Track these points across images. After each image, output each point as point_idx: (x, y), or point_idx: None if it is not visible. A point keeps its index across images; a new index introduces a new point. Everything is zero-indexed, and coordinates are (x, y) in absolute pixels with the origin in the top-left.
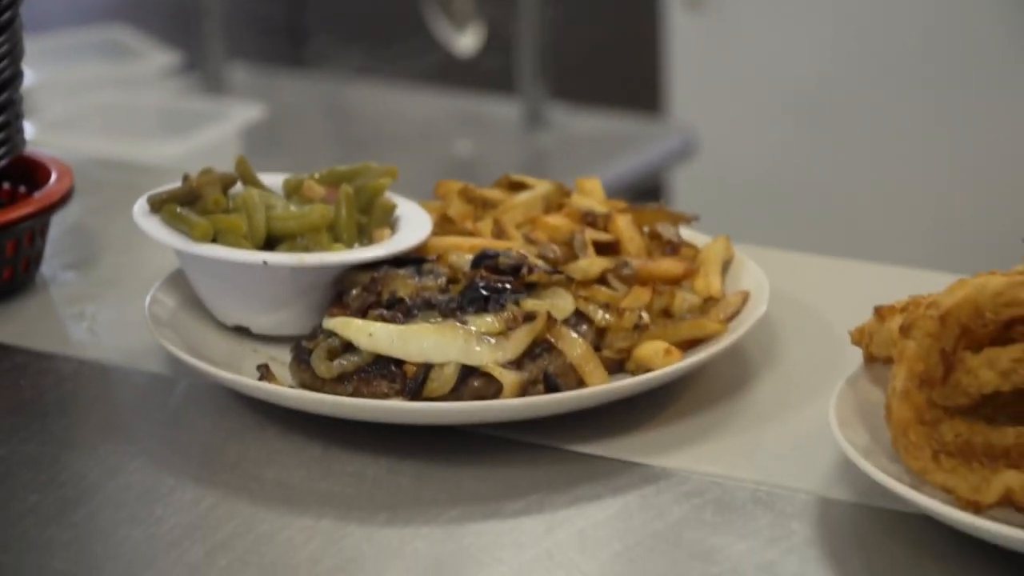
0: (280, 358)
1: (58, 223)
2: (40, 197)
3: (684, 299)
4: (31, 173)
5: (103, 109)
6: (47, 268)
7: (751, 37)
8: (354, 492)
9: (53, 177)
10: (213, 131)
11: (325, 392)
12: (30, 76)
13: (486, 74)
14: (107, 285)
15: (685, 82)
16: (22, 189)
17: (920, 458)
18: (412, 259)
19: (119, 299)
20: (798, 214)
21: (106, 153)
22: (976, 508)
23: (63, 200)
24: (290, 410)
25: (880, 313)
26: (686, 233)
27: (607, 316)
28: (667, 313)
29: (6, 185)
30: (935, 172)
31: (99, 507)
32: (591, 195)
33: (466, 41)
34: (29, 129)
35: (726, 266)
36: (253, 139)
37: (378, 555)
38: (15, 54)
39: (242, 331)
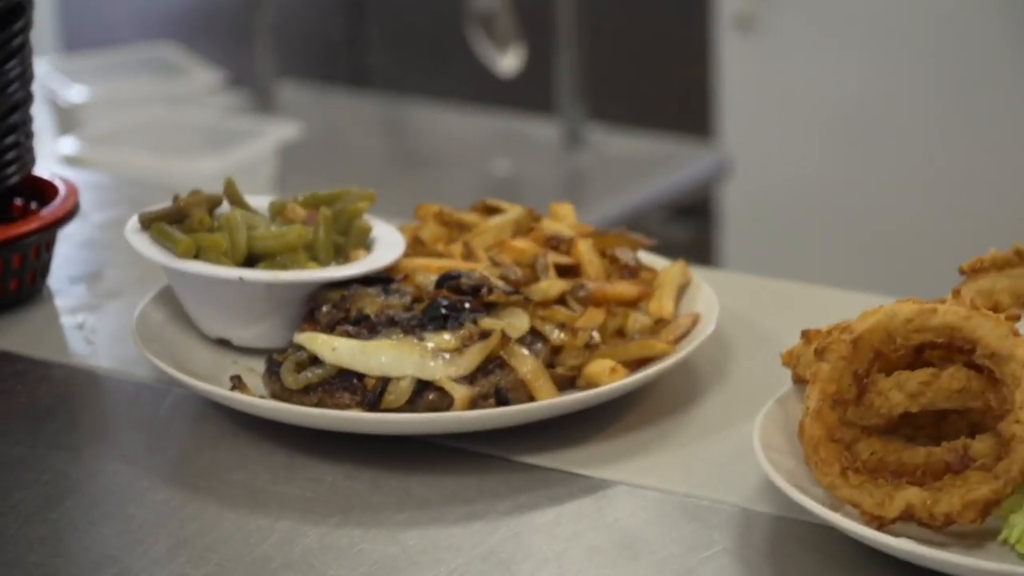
0: (259, 369)
1: (70, 237)
2: (45, 214)
3: (637, 320)
4: (41, 191)
5: (146, 125)
6: (54, 280)
7: (801, 59)
8: (312, 496)
9: (60, 195)
10: (250, 149)
11: (293, 402)
12: (80, 92)
13: (526, 94)
14: (109, 297)
15: (733, 103)
16: (33, 205)
17: (829, 474)
18: (381, 278)
19: (118, 311)
20: (841, 236)
21: (144, 168)
22: (879, 522)
23: (67, 217)
24: (260, 418)
25: (807, 336)
26: (651, 258)
27: (561, 335)
28: (621, 333)
29: (18, 201)
30: (984, 199)
31: (76, 505)
32: (563, 219)
33: (508, 62)
34: (73, 143)
35: (683, 289)
36: (294, 156)
37: (327, 555)
38: (25, 78)
39: (225, 343)
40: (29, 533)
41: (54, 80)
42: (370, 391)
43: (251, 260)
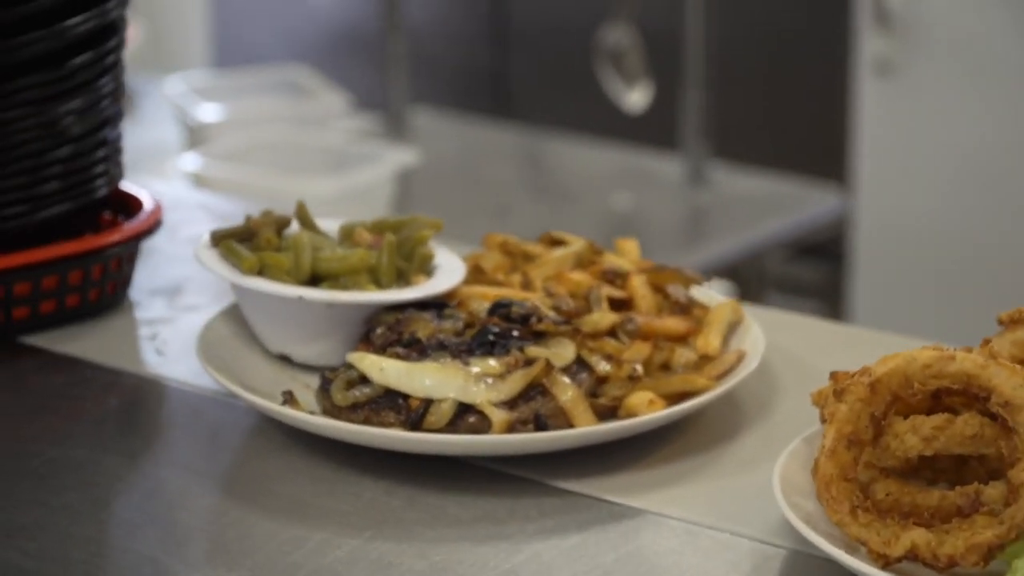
0: (315, 386)
1: (159, 251)
2: (126, 228)
3: (682, 355)
4: (130, 205)
5: (270, 145)
6: (137, 292)
7: (939, 104)
8: (350, 509)
9: (144, 210)
10: (368, 173)
11: (341, 418)
12: (210, 110)
13: (653, 130)
14: (185, 311)
15: (869, 146)
16: (120, 219)
17: (839, 511)
18: (435, 304)
19: (192, 325)
20: (974, 286)
21: (262, 187)
22: (885, 561)
23: (147, 232)
24: (310, 433)
25: (836, 378)
26: (708, 295)
27: (607, 366)
28: (666, 367)
29: (107, 214)
30: None
31: (124, 507)
32: (627, 255)
33: (635, 98)
34: (197, 160)
35: (734, 327)
36: (419, 181)
37: (355, 566)
38: (117, 94)
39: (286, 360)
40: (77, 531)
41: (186, 98)
42: (413, 411)
43: (315, 280)
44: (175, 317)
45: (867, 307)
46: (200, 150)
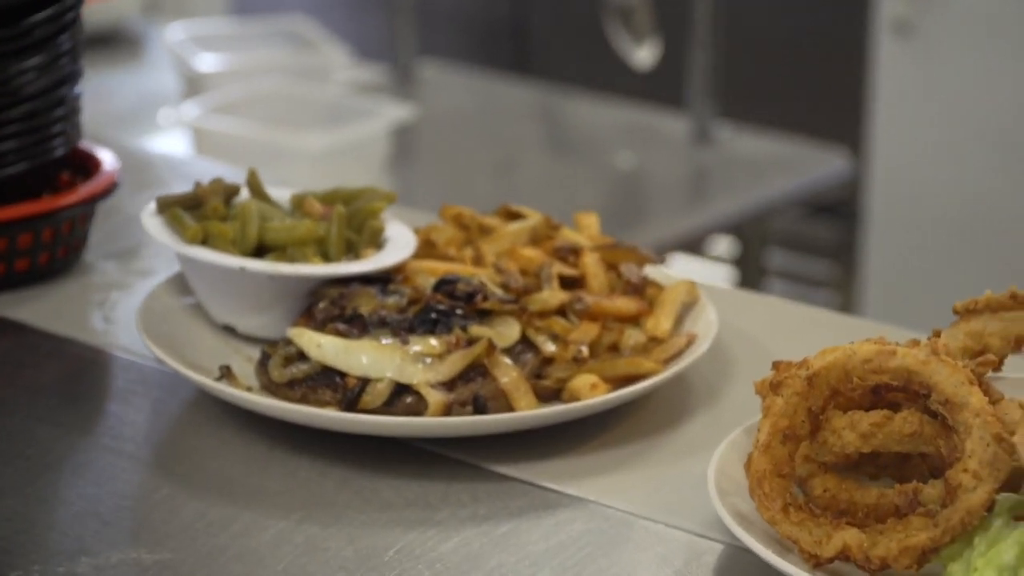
0: (257, 359)
1: (119, 211)
2: (77, 191)
3: (631, 336)
4: (90, 166)
5: (266, 97)
6: (92, 255)
7: (957, 65)
8: (281, 489)
9: (100, 172)
10: (362, 128)
11: (279, 395)
12: (208, 60)
13: (660, 88)
14: (139, 275)
15: (886, 107)
16: (80, 180)
17: (771, 508)
18: (381, 278)
19: (143, 290)
20: (989, 246)
21: (254, 140)
22: (816, 561)
23: (99, 196)
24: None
25: (778, 368)
26: (664, 274)
27: (552, 347)
28: (615, 348)
29: (66, 175)
30: None
31: (52, 482)
32: (587, 229)
33: (643, 55)
34: (192, 110)
35: (688, 308)
36: (420, 134)
37: (279, 550)
38: (75, 52)
39: (231, 330)
40: (2, 507)
41: (186, 47)
42: (349, 390)
43: (262, 251)
44: (128, 282)
45: (879, 268)
46: (196, 100)
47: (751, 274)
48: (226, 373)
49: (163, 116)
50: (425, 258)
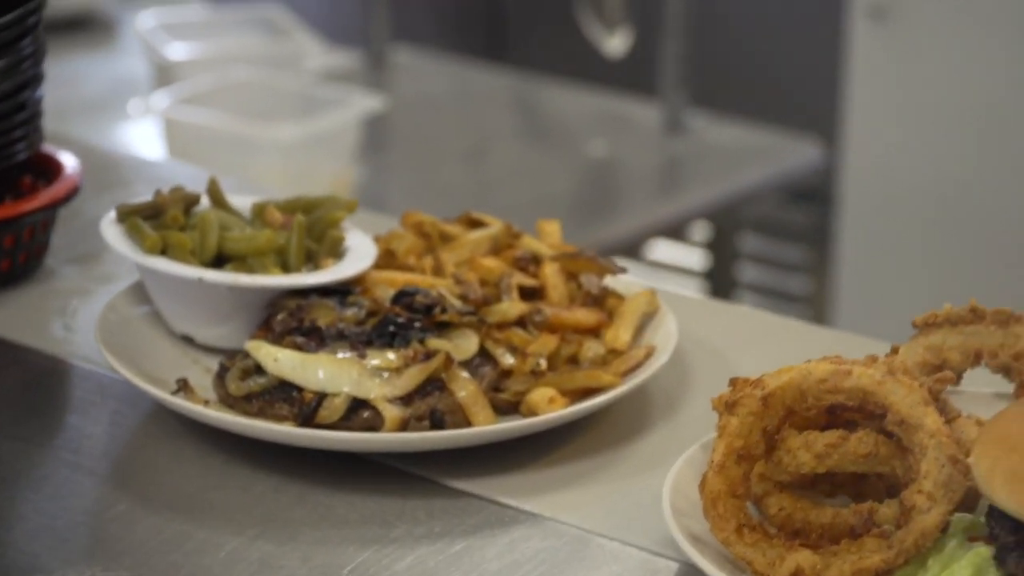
0: (216, 370)
1: (82, 215)
2: (37, 197)
3: (590, 348)
4: (52, 170)
5: (237, 87)
6: (54, 260)
7: (935, 51)
8: (236, 505)
9: (61, 178)
10: (331, 118)
11: (236, 408)
12: (179, 49)
13: (633, 76)
14: (101, 281)
15: (862, 93)
16: (42, 184)
17: (725, 529)
18: (340, 289)
19: (105, 297)
20: (965, 234)
21: (224, 131)
22: None
23: (60, 202)
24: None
25: (735, 384)
26: (623, 282)
27: (511, 359)
28: (574, 360)
29: (28, 179)
30: None
31: (9, 498)
32: (548, 237)
33: (615, 43)
34: (163, 100)
35: (648, 318)
36: (392, 122)
37: (234, 568)
38: (36, 56)
39: (190, 340)
40: None
41: (155, 35)
42: (306, 405)
43: (222, 261)
44: (89, 288)
45: (854, 254)
46: (167, 90)
47: (725, 258)
48: (183, 386)
49: (133, 106)
50: (385, 267)
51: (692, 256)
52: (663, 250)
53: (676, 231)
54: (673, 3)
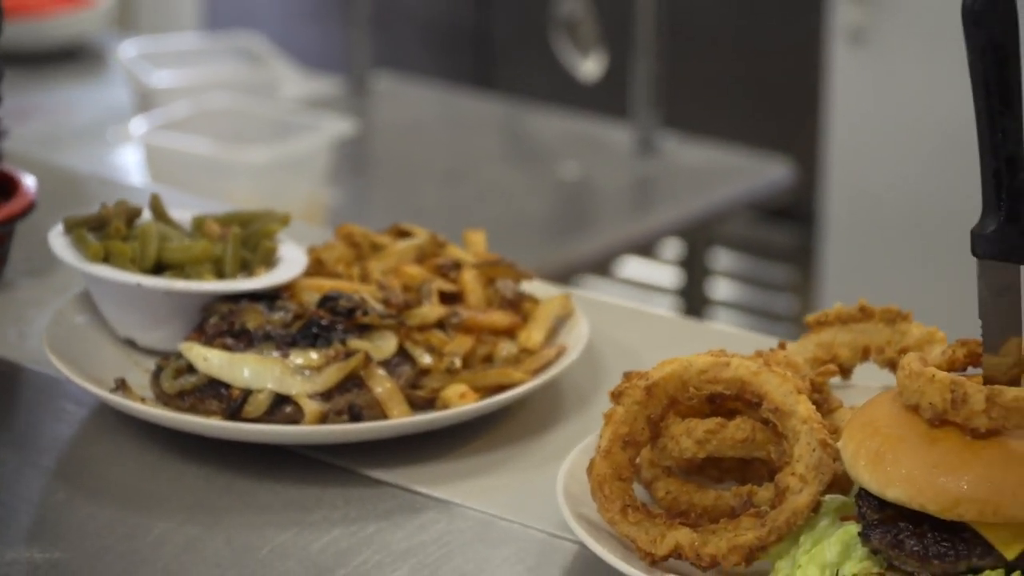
0: None
1: (41, 230)
2: None
3: (504, 348)
4: (10, 188)
5: (213, 113)
6: (12, 272)
7: (911, 72)
8: (167, 494)
9: (16, 195)
10: (302, 143)
11: (170, 405)
12: (159, 77)
13: (606, 99)
14: (55, 292)
15: (841, 115)
16: (1, 202)
17: (610, 510)
18: (269, 295)
19: (57, 306)
20: (943, 253)
21: (198, 156)
22: (651, 559)
23: (14, 218)
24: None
25: (629, 377)
26: (543, 289)
27: (428, 359)
28: (489, 359)
29: None
30: None
31: None
32: (473, 246)
33: (589, 67)
34: (141, 126)
35: (563, 321)
36: (367, 146)
37: (160, 549)
38: None
39: (132, 344)
40: None
41: (136, 64)
42: (233, 401)
43: (161, 269)
44: (44, 298)
45: (837, 272)
46: (146, 117)
47: (697, 276)
48: (121, 385)
49: (112, 133)
50: (315, 276)
51: (664, 274)
52: (635, 268)
53: (647, 249)
54: (645, 26)
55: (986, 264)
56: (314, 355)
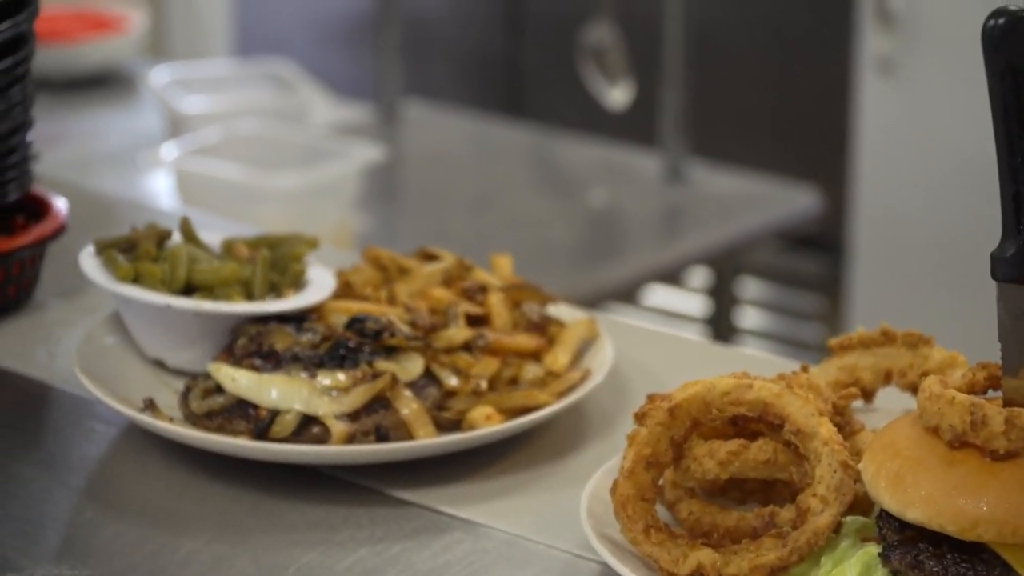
0: None
1: (71, 253)
2: (27, 233)
3: (530, 371)
4: (41, 211)
5: (245, 139)
6: (43, 294)
7: (938, 103)
8: (195, 512)
9: (48, 217)
10: (331, 169)
11: (199, 425)
12: (191, 103)
13: (635, 127)
14: (85, 312)
15: (870, 146)
16: (33, 223)
17: (633, 530)
18: (297, 317)
19: (87, 327)
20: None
21: (228, 181)
22: None
23: (46, 239)
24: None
25: (652, 399)
26: (569, 312)
27: (455, 380)
28: (515, 382)
29: (20, 219)
30: None
31: None
32: (500, 270)
33: (617, 95)
34: (173, 151)
35: (588, 344)
36: (396, 174)
37: (187, 568)
38: (26, 103)
39: (161, 365)
40: None
41: (168, 90)
42: (260, 421)
43: (191, 291)
44: (73, 319)
45: (866, 302)
46: (177, 142)
47: (725, 304)
48: (149, 405)
49: (143, 158)
50: (343, 299)
51: (692, 302)
52: (662, 296)
53: (674, 277)
54: (673, 55)
55: (1005, 287)
56: (341, 376)
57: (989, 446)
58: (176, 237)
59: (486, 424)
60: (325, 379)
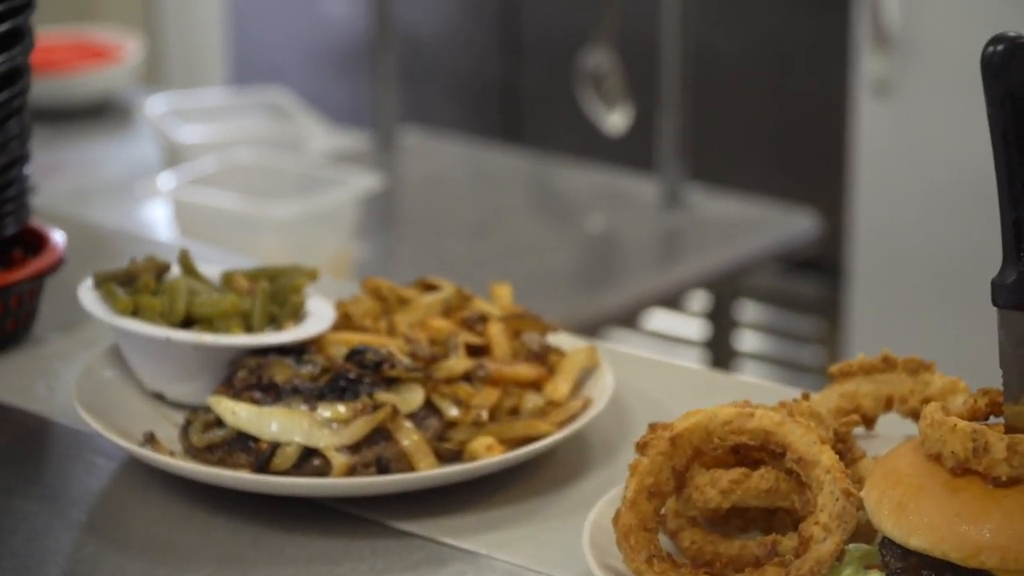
0: None
1: (69, 286)
2: (23, 267)
3: (530, 400)
4: (39, 244)
5: (242, 168)
6: (42, 327)
7: (935, 125)
8: (197, 546)
9: (46, 251)
10: (328, 198)
11: (199, 459)
12: (187, 132)
13: (633, 152)
14: (84, 346)
15: (868, 167)
16: (31, 256)
17: (636, 560)
18: (297, 349)
19: (86, 360)
20: (971, 306)
21: (225, 211)
22: None
23: (43, 273)
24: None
25: (654, 428)
26: (569, 341)
27: (455, 411)
28: (515, 412)
29: (19, 252)
30: None
31: None
32: (500, 299)
33: (615, 120)
34: (169, 181)
35: (588, 373)
36: (393, 201)
37: None
38: (23, 136)
39: (160, 398)
40: None
41: (164, 119)
42: (261, 454)
43: (190, 323)
44: (72, 352)
45: (864, 324)
46: (173, 172)
47: (724, 328)
48: (149, 439)
49: (139, 187)
50: (343, 330)
51: (691, 326)
52: (662, 320)
53: (674, 301)
54: (670, 80)
55: (1006, 314)
56: (342, 408)
57: (991, 473)
58: (175, 270)
59: (487, 455)
60: (325, 411)
